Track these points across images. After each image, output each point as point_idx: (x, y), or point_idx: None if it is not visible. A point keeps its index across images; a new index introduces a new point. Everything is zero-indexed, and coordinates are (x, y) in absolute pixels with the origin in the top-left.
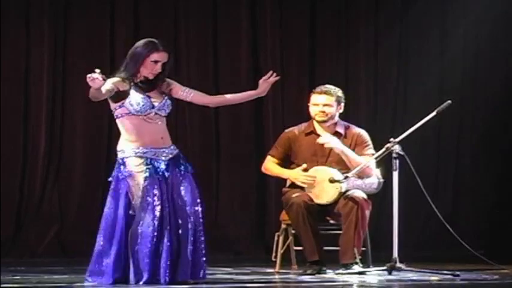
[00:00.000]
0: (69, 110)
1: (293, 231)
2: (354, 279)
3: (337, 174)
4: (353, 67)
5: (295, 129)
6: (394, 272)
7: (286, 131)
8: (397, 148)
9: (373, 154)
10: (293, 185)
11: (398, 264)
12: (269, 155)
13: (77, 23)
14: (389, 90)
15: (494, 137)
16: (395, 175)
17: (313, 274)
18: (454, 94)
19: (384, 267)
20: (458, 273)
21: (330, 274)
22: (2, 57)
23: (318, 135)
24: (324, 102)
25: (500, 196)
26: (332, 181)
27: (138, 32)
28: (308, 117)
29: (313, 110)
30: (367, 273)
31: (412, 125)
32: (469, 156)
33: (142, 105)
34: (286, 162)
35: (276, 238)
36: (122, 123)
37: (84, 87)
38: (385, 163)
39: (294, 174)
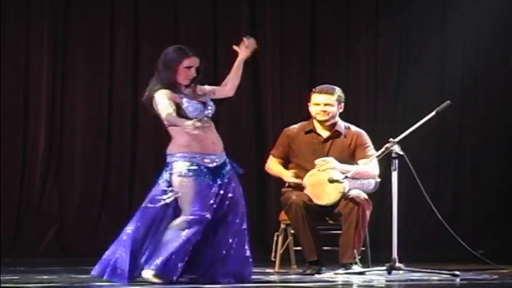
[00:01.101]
0: (68, 109)
1: (292, 231)
2: (354, 279)
3: (336, 174)
4: (353, 67)
5: (295, 128)
6: (393, 272)
7: (286, 129)
8: (396, 148)
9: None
10: (292, 185)
11: (397, 264)
12: (271, 155)
13: (77, 23)
14: (390, 90)
15: (494, 137)
16: (395, 175)
17: (313, 274)
18: (454, 94)
19: (384, 267)
20: (457, 273)
21: (329, 274)
22: (1, 57)
23: (318, 134)
24: (325, 101)
25: (500, 196)
26: (331, 181)
27: (138, 32)
28: (308, 117)
29: (314, 110)
30: (366, 273)
31: (412, 125)
32: (468, 156)
33: (200, 110)
34: (288, 160)
35: (275, 238)
36: (174, 130)
37: (84, 87)
38: (384, 163)
39: (284, 175)
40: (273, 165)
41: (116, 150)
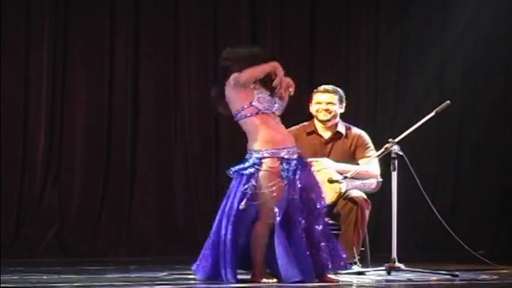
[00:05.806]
0: (68, 109)
1: None
2: (353, 280)
3: (336, 174)
4: (353, 67)
5: (296, 129)
6: (393, 272)
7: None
8: (396, 148)
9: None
10: None
11: (397, 265)
12: None
13: (77, 22)
14: (389, 90)
15: (494, 136)
16: (394, 175)
17: None
18: (454, 94)
19: (383, 268)
20: (457, 273)
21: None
22: (1, 56)
23: (319, 135)
24: (327, 100)
25: (500, 197)
26: (331, 181)
27: (138, 32)
28: (308, 117)
29: (315, 109)
30: (366, 273)
31: (412, 125)
32: (468, 156)
33: (274, 102)
34: None
35: None
36: (251, 123)
37: (84, 87)
38: (384, 163)
39: None
40: None
41: (116, 150)
